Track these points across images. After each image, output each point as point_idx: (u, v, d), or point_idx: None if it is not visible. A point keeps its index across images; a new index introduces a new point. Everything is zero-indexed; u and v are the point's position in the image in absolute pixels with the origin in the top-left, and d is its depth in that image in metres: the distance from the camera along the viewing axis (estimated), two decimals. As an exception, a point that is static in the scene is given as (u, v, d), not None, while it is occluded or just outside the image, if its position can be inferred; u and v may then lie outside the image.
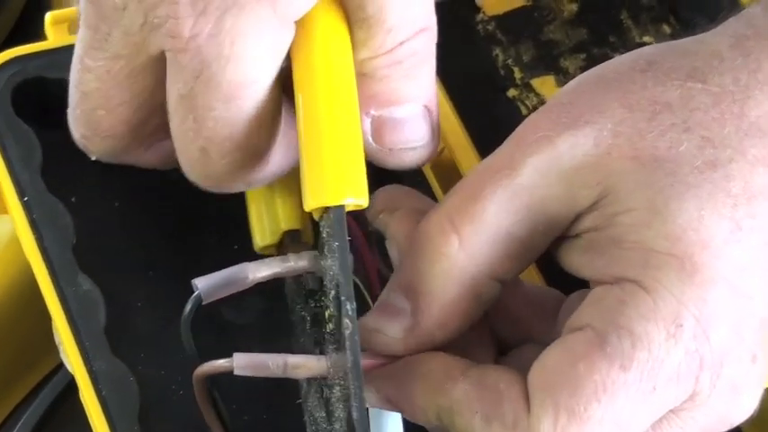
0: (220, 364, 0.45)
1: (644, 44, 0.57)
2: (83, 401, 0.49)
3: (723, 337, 0.40)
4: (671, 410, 0.41)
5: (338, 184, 0.42)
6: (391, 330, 0.43)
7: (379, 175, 0.54)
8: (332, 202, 0.41)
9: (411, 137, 0.45)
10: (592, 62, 0.55)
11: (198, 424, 0.49)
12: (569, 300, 0.45)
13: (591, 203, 0.41)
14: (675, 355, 0.39)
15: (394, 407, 0.44)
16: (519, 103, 0.56)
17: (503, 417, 0.40)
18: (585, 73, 0.44)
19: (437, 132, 0.46)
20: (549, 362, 0.41)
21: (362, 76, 0.44)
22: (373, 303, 0.47)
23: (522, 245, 0.42)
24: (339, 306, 0.41)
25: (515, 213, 0.42)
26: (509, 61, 0.58)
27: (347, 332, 0.41)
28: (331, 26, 0.43)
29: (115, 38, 0.42)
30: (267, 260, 0.46)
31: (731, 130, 0.41)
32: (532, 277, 0.53)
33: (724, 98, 0.41)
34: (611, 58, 0.46)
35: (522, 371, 0.41)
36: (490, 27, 0.58)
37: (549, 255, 0.44)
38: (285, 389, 0.49)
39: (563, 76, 0.56)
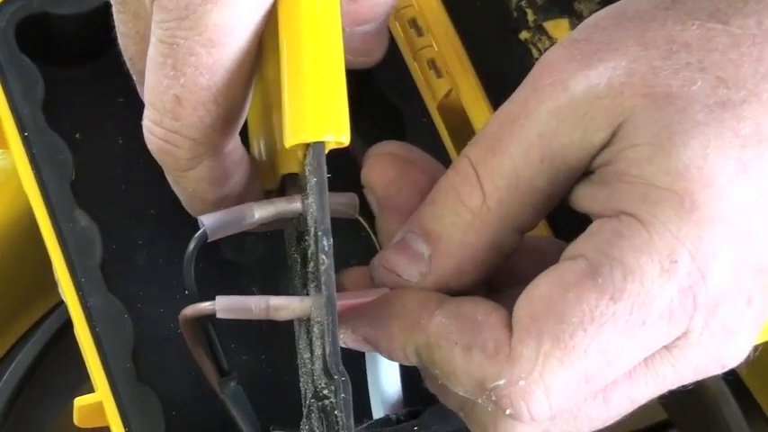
0: (204, 306, 0.44)
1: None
2: (77, 338, 0.48)
3: (719, 276, 0.39)
4: (663, 347, 0.40)
5: (318, 121, 0.41)
6: (407, 273, 0.43)
7: (385, 118, 0.53)
8: (311, 138, 0.41)
9: (373, 45, 0.49)
10: (606, 5, 0.53)
11: (191, 365, 0.48)
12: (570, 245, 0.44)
13: (603, 144, 0.41)
14: (668, 291, 0.39)
15: (372, 346, 0.43)
16: (531, 46, 0.55)
17: (483, 344, 0.40)
18: (607, 8, 0.43)
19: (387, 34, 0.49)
20: (537, 290, 0.40)
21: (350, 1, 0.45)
22: (378, 242, 0.47)
23: (544, 193, 0.42)
24: (317, 242, 0.40)
25: (535, 164, 0.41)
26: (522, 2, 0.56)
27: (323, 267, 0.41)
28: None
29: None
30: (274, 200, 0.46)
31: (748, 72, 0.40)
32: (539, 229, 0.52)
33: (744, 40, 0.40)
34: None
35: (510, 307, 0.41)
36: (505, -33, 0.57)
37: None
38: (284, 329, 0.48)
39: (577, 20, 0.55)
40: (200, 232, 0.45)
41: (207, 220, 0.45)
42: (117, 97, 0.56)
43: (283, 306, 0.43)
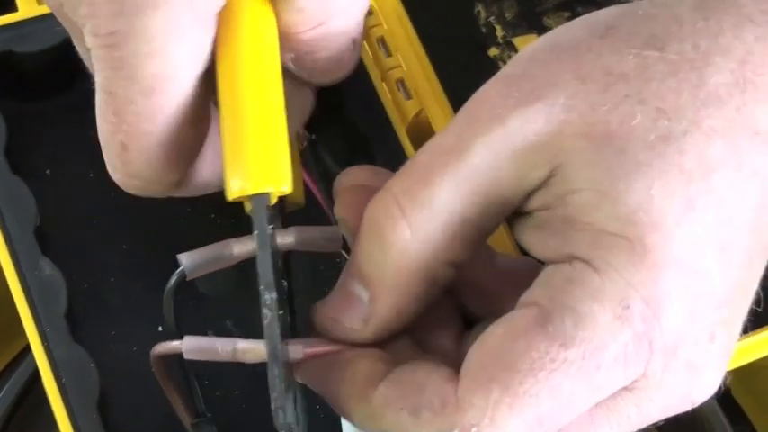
0: (173, 345, 0.44)
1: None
2: (45, 388, 0.49)
3: (676, 319, 0.39)
4: (625, 388, 0.40)
5: (256, 173, 0.41)
6: (349, 320, 0.43)
7: (352, 141, 0.53)
8: (250, 191, 0.41)
9: (332, 67, 0.46)
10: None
11: (161, 410, 0.49)
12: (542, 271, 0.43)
13: (541, 182, 0.40)
14: (622, 337, 0.38)
15: (328, 402, 0.43)
16: (500, 63, 0.54)
17: (429, 403, 0.40)
18: (541, 38, 0.42)
19: (358, 51, 0.47)
20: (488, 338, 0.40)
21: (286, 39, 0.43)
22: None
23: (475, 227, 0.41)
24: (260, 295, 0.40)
25: (467, 197, 0.40)
26: (491, 18, 0.55)
27: (265, 322, 0.40)
28: (252, 7, 0.42)
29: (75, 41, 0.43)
30: (252, 236, 0.45)
31: (687, 99, 0.39)
32: (507, 247, 0.51)
33: (682, 66, 0.39)
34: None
35: None
36: (473, -18, 0.56)
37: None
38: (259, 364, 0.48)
39: (546, 35, 0.54)
40: (178, 271, 0.45)
41: (185, 259, 0.45)
42: (88, 129, 0.56)
43: (250, 349, 0.43)
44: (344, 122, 0.54)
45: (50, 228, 0.52)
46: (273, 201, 0.42)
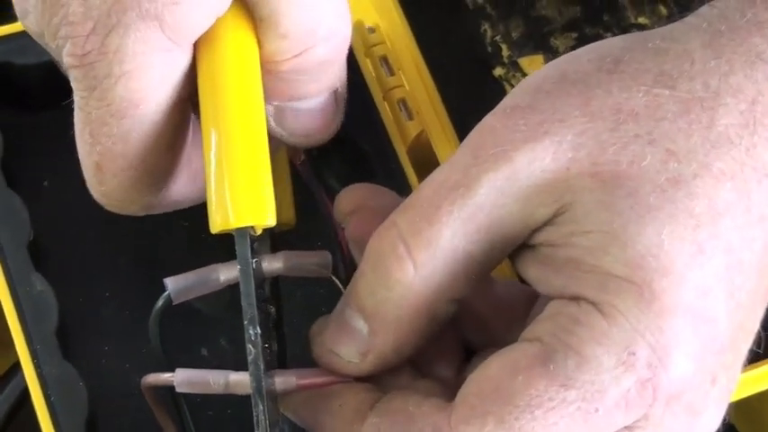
0: (165, 378, 0.44)
1: (638, 25, 0.54)
2: (34, 405, 0.48)
3: (682, 366, 0.38)
4: (624, 427, 0.39)
5: (240, 208, 0.40)
6: (347, 353, 0.42)
7: (351, 165, 0.52)
8: (234, 225, 0.40)
9: (314, 124, 0.45)
10: (583, 42, 0.50)
11: (150, 429, 0.48)
12: (540, 300, 0.43)
13: (547, 220, 0.40)
14: (625, 383, 0.38)
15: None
16: (505, 83, 0.54)
17: (421, 431, 0.39)
18: (547, 67, 0.41)
19: (342, 108, 0.46)
20: (488, 370, 0.39)
21: (267, 73, 0.42)
22: None
23: (479, 264, 0.41)
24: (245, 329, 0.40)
25: (472, 235, 0.40)
26: (497, 38, 0.55)
27: (249, 357, 0.40)
28: (236, 37, 0.41)
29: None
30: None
31: (698, 141, 0.38)
32: (504, 272, 0.51)
33: (693, 106, 0.39)
34: (603, 39, 0.43)
35: None
36: (480, 0, 0.55)
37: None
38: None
39: (552, 56, 0.53)
40: (164, 295, 0.45)
41: (171, 284, 0.45)
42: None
43: (242, 382, 0.43)
44: (345, 141, 0.54)
45: (44, 242, 0.51)
46: (258, 232, 0.42)
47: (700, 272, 0.38)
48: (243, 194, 0.40)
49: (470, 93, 0.53)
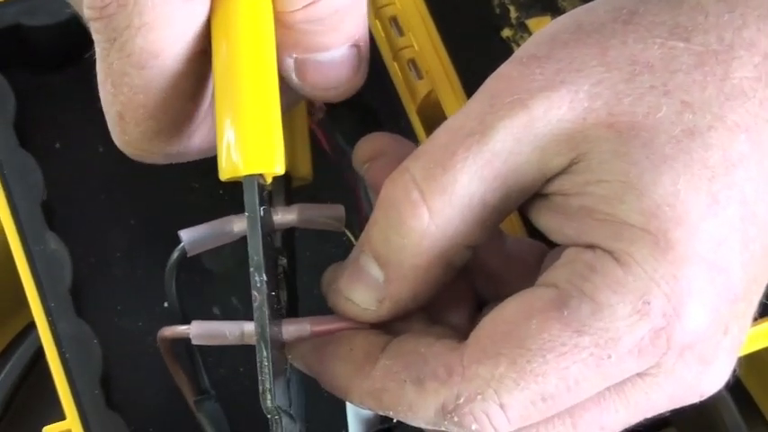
0: (180, 330, 0.44)
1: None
2: (48, 363, 0.49)
3: (697, 316, 0.38)
4: (636, 374, 0.40)
5: (249, 155, 0.40)
6: (364, 301, 0.42)
7: (361, 124, 0.52)
8: (242, 172, 0.40)
9: (337, 77, 0.44)
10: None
11: (163, 386, 0.49)
12: (551, 254, 0.43)
13: (562, 168, 0.40)
14: (639, 331, 0.38)
15: (319, 381, 0.43)
16: (513, 44, 0.54)
17: (434, 372, 0.40)
18: (563, 17, 0.42)
19: (365, 65, 0.45)
20: (502, 313, 0.40)
21: (283, 26, 0.42)
22: None
23: (495, 211, 0.41)
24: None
25: (488, 181, 0.40)
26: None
27: (255, 304, 0.40)
28: None
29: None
30: None
31: (712, 93, 0.39)
32: (515, 229, 0.51)
33: (707, 59, 0.39)
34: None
35: None
36: (488, -39, 0.55)
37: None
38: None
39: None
40: (179, 248, 0.45)
41: (185, 235, 0.45)
42: (98, 103, 0.56)
43: (251, 333, 0.43)
44: (354, 101, 0.54)
45: (57, 202, 0.52)
46: (268, 181, 0.42)
47: (714, 222, 0.38)
48: (251, 142, 0.40)
49: (479, 53, 0.53)
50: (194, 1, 0.40)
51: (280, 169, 0.41)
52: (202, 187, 0.56)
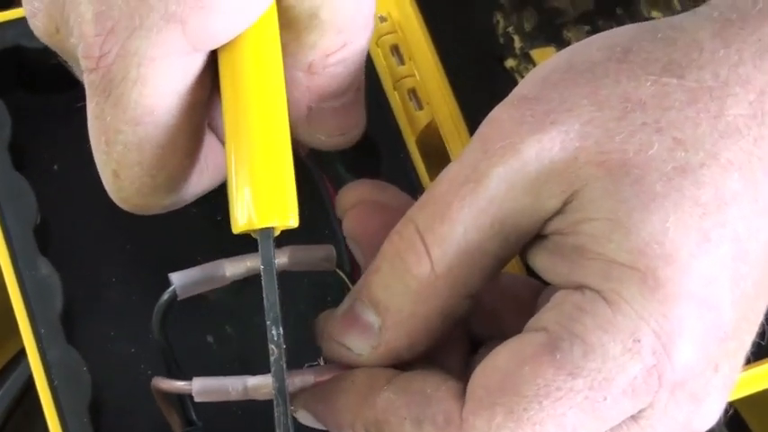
0: (180, 385, 0.44)
1: (652, 19, 0.53)
2: (38, 390, 0.49)
3: (686, 353, 0.38)
4: (630, 417, 0.39)
5: (264, 208, 0.40)
6: (358, 347, 0.42)
7: (361, 154, 0.52)
8: (257, 225, 0.40)
9: (349, 121, 0.45)
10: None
11: (153, 415, 0.48)
12: (545, 292, 0.43)
13: (557, 209, 0.40)
14: (631, 370, 0.38)
15: (322, 424, 0.43)
16: (517, 75, 0.53)
17: (433, 417, 0.39)
18: (555, 57, 0.41)
19: (363, 103, 0.46)
20: (494, 361, 0.39)
21: (308, 74, 0.42)
22: None
23: (495, 257, 0.41)
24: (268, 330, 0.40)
25: (485, 229, 0.40)
26: (510, 29, 0.54)
27: (272, 358, 0.40)
28: (258, 35, 0.41)
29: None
30: (245, 256, 0.45)
31: (706, 130, 0.38)
32: (512, 266, 0.50)
33: (701, 96, 0.39)
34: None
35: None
36: (493, -10, 0.55)
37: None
38: (255, 370, 0.47)
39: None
40: (169, 290, 0.44)
41: (176, 279, 0.44)
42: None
43: (261, 385, 0.43)
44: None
45: (50, 226, 0.51)
46: (278, 233, 0.41)
47: (705, 260, 0.38)
48: (265, 195, 0.40)
49: (482, 83, 0.53)
50: (194, 54, 0.40)
51: (293, 222, 0.41)
52: (199, 212, 0.55)
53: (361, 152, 0.53)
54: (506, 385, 0.38)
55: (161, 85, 0.39)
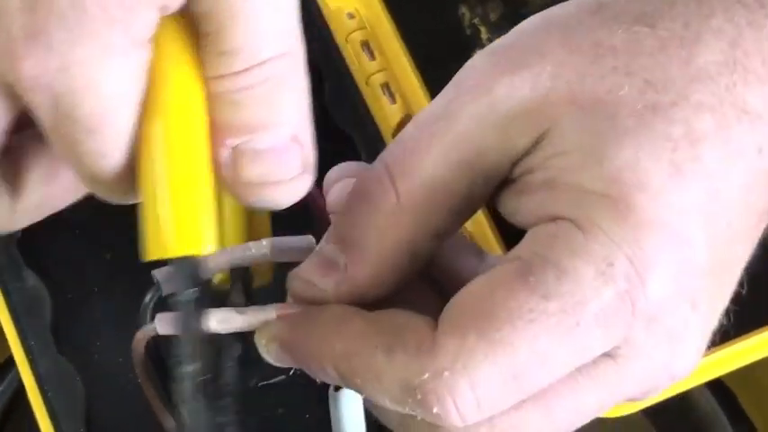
0: (150, 327, 0.43)
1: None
2: (30, 401, 0.48)
3: (660, 281, 0.38)
4: (606, 355, 0.39)
5: (176, 236, 0.38)
6: (323, 283, 0.42)
7: (338, 153, 0.52)
8: (168, 254, 0.39)
9: (273, 169, 0.40)
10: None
11: (148, 422, 0.48)
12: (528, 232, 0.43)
13: (527, 150, 0.40)
14: (604, 295, 0.38)
15: (291, 357, 0.42)
16: (486, 66, 0.54)
17: (405, 343, 0.39)
18: (535, 15, 0.42)
19: (311, 168, 0.41)
20: (469, 289, 0.39)
21: (214, 99, 0.40)
22: None
23: (462, 197, 0.41)
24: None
25: (454, 166, 0.40)
26: (476, 20, 0.55)
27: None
28: (175, 46, 0.39)
29: None
30: (227, 249, 0.44)
31: (676, 74, 0.39)
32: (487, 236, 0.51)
33: (671, 43, 0.39)
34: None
35: None
36: (458, -17, 0.55)
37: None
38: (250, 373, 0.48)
39: (531, 36, 0.53)
40: (153, 288, 0.44)
41: (160, 275, 0.44)
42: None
43: (223, 319, 0.42)
44: (329, 129, 0.54)
45: (34, 239, 0.51)
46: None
47: (677, 191, 0.38)
48: (179, 222, 0.38)
49: (452, 75, 0.53)
50: (137, 50, 0.38)
51: (211, 248, 0.39)
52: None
53: (338, 149, 0.54)
54: (479, 309, 0.38)
55: (113, 88, 0.38)
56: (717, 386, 0.60)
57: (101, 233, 0.54)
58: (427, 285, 0.44)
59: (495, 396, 0.38)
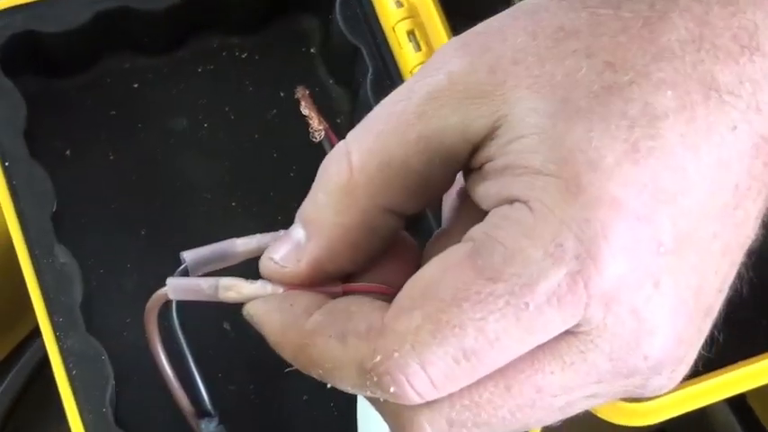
0: (160, 292, 0.44)
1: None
2: (55, 378, 0.48)
3: (613, 259, 0.38)
4: (569, 333, 0.39)
5: None
6: (282, 259, 0.43)
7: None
8: None
9: None
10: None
11: (170, 407, 0.48)
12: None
13: (486, 133, 0.40)
14: (554, 276, 0.38)
15: (266, 337, 0.43)
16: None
17: (356, 328, 0.40)
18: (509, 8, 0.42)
19: None
20: (421, 272, 0.40)
21: None
22: None
23: (421, 177, 0.41)
24: None
25: (410, 143, 0.40)
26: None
27: None
28: None
29: None
30: (257, 235, 0.45)
31: (637, 53, 0.39)
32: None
33: (635, 23, 0.39)
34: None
35: None
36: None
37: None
38: (274, 358, 0.48)
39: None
40: (180, 269, 0.44)
41: (188, 256, 0.44)
42: (109, 110, 0.55)
43: (231, 286, 0.43)
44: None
45: (67, 213, 0.51)
46: None
47: (632, 168, 0.38)
48: None
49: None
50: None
51: None
52: (214, 198, 0.55)
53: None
54: (428, 291, 0.39)
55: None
56: (737, 403, 0.59)
57: (136, 208, 0.54)
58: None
59: (448, 374, 0.38)
